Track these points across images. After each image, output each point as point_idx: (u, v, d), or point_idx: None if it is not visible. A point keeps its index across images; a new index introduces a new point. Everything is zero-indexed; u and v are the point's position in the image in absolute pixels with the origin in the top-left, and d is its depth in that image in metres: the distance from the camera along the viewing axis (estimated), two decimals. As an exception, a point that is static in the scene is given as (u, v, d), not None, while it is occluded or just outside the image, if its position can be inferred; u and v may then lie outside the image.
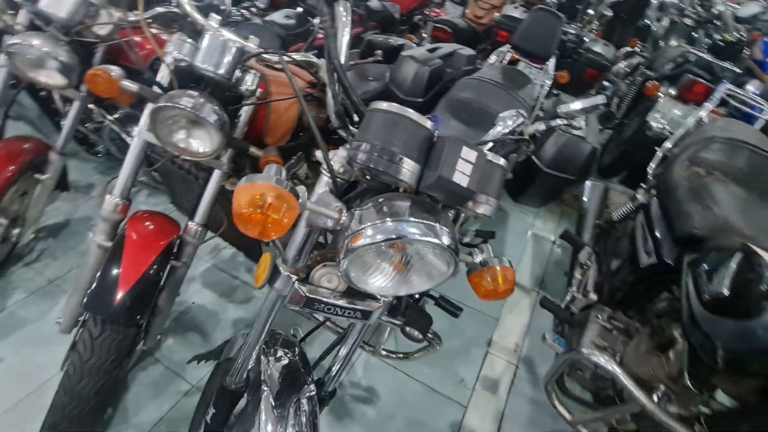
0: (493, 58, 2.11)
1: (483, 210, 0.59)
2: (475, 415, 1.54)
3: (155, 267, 1.08)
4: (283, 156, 1.33)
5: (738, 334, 0.73)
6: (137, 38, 1.56)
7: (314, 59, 1.33)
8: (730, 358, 0.74)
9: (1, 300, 1.68)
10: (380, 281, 0.60)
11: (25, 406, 1.37)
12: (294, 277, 0.69)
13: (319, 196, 0.61)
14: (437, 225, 0.56)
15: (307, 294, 0.69)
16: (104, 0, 1.39)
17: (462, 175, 0.52)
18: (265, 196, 0.50)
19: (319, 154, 0.63)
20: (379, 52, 1.35)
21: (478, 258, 0.71)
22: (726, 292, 0.77)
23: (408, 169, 0.53)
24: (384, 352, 1.29)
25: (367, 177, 0.60)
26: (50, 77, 1.34)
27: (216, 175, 1.22)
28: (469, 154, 0.53)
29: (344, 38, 0.61)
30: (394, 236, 0.54)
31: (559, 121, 0.81)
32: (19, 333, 1.57)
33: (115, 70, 1.11)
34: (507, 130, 0.74)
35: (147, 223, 1.18)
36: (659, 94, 2.37)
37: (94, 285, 1.00)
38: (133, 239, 1.10)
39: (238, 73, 1.10)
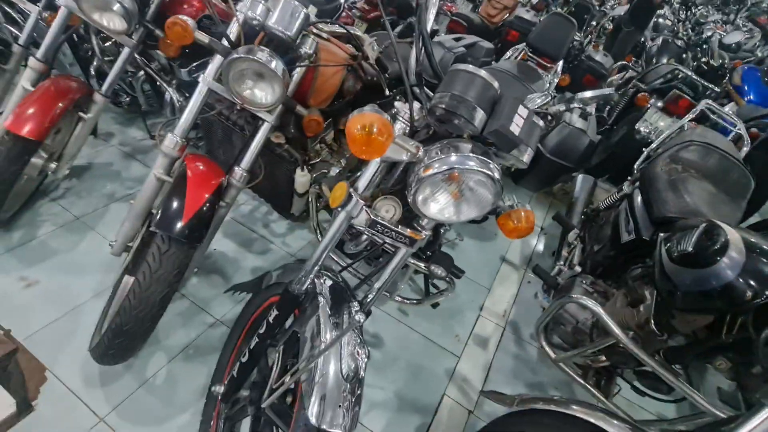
0: (509, 54, 2.30)
1: (524, 158, 0.77)
2: (467, 364, 1.75)
3: (209, 203, 1.22)
4: (323, 118, 1.48)
5: (696, 279, 0.95)
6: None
7: (361, 34, 1.49)
8: (689, 299, 0.96)
9: (31, 230, 1.77)
10: (439, 206, 0.78)
11: (62, 324, 1.49)
12: (362, 202, 0.86)
13: (399, 136, 0.78)
14: (491, 162, 0.74)
15: (372, 217, 0.87)
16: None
17: (516, 127, 0.70)
18: (374, 124, 0.66)
19: (398, 104, 0.79)
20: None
21: (507, 203, 0.89)
22: (690, 249, 0.99)
23: (478, 116, 0.71)
24: (399, 298, 1.48)
25: (439, 123, 0.77)
26: (112, 21, 1.43)
27: (265, 126, 1.36)
28: (523, 111, 0.70)
29: (432, 12, 0.77)
30: (458, 166, 0.71)
31: (575, 105, 1.00)
32: (52, 260, 1.68)
33: (190, 21, 1.23)
34: (535, 107, 0.92)
35: (199, 164, 1.31)
36: (648, 105, 2.62)
37: (161, 210, 1.14)
38: (193, 175, 1.24)
39: (300, 36, 1.24)
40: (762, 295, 0.86)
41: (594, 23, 3.48)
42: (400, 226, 0.90)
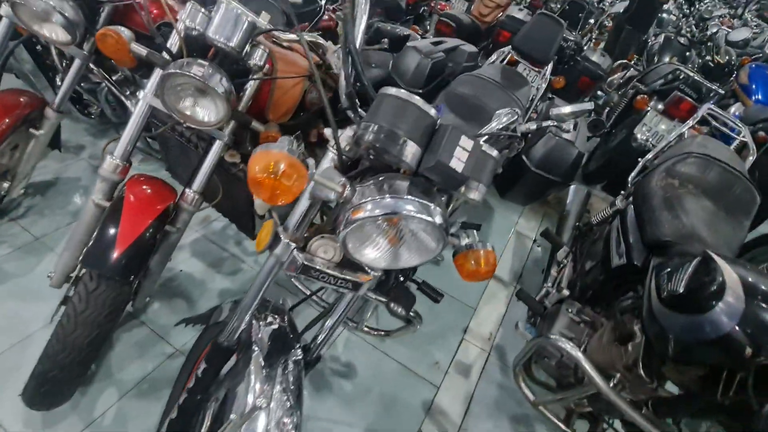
0: (494, 58, 2.16)
1: (474, 195, 0.65)
2: (446, 395, 1.63)
3: (151, 230, 1.11)
4: (282, 133, 1.37)
5: (688, 327, 0.82)
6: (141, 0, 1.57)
7: (322, 41, 1.36)
8: (679, 348, 0.83)
9: (-15, 253, 1.68)
10: (374, 253, 0.66)
11: (8, 356, 1.39)
12: (293, 245, 0.74)
13: (324, 170, 0.66)
14: (431, 205, 0.61)
15: (304, 262, 0.75)
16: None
17: (458, 162, 0.58)
18: (279, 164, 0.54)
19: (327, 131, 0.67)
20: (385, 40, 1.38)
21: (464, 241, 0.77)
22: (681, 290, 0.86)
23: (411, 151, 0.58)
24: (366, 329, 1.36)
25: (371, 156, 0.65)
26: (54, 32, 1.32)
27: (217, 145, 1.25)
28: (466, 143, 0.58)
29: (361, 26, 0.65)
30: (391, 211, 0.59)
31: (549, 123, 0.87)
32: (4, 286, 1.58)
33: (125, 32, 1.12)
34: (501, 126, 0.80)
35: (145, 187, 1.21)
36: (648, 108, 2.47)
37: (92, 242, 1.03)
38: (132, 201, 1.13)
39: (247, 47, 1.13)
40: (765, 352, 0.72)
41: (591, 21, 3.33)
42: (342, 270, 0.78)
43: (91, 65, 1.66)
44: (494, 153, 0.65)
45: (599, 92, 3.58)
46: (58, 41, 1.34)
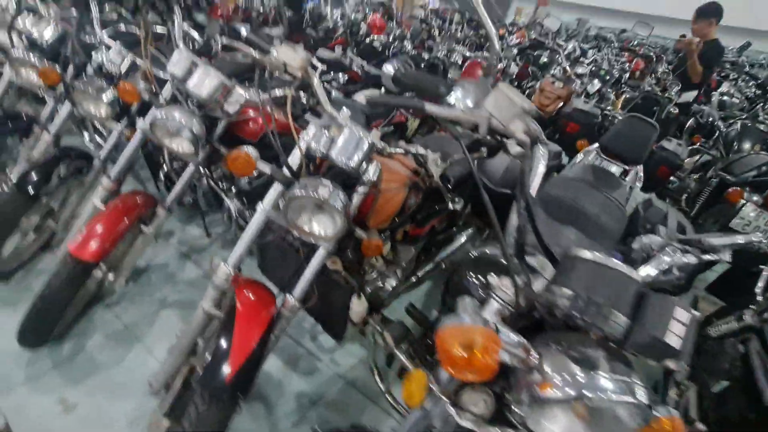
0: (580, 157, 2.16)
1: (674, 366, 0.56)
2: None
3: (262, 342, 1.09)
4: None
5: None
6: (252, 113, 1.74)
7: (423, 151, 1.40)
8: None
9: (81, 341, 1.73)
10: (560, 429, 0.57)
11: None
12: (446, 400, 0.67)
13: (503, 332, 0.60)
14: (631, 380, 0.53)
15: (457, 419, 0.67)
16: (235, 82, 1.55)
17: (674, 336, 0.51)
18: (476, 339, 0.50)
19: (492, 279, 0.63)
20: (483, 149, 1.41)
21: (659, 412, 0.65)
22: None
23: (617, 322, 0.52)
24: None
25: (549, 314, 0.60)
26: (181, 146, 1.47)
27: (321, 252, 1.26)
28: (682, 314, 0.52)
29: (537, 178, 0.64)
30: (589, 394, 0.51)
31: (708, 257, 0.79)
32: (95, 378, 1.60)
33: (252, 152, 1.21)
34: (665, 267, 0.73)
35: (252, 295, 1.21)
36: (743, 201, 2.31)
37: (207, 360, 1.02)
38: (242, 312, 1.13)
39: (363, 164, 1.17)
40: None
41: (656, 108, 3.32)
42: (496, 427, 0.69)
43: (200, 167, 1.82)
44: (697, 314, 0.57)
45: (671, 177, 3.44)
46: (183, 153, 1.48)
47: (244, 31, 1.47)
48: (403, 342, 1.15)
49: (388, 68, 1.04)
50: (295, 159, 1.21)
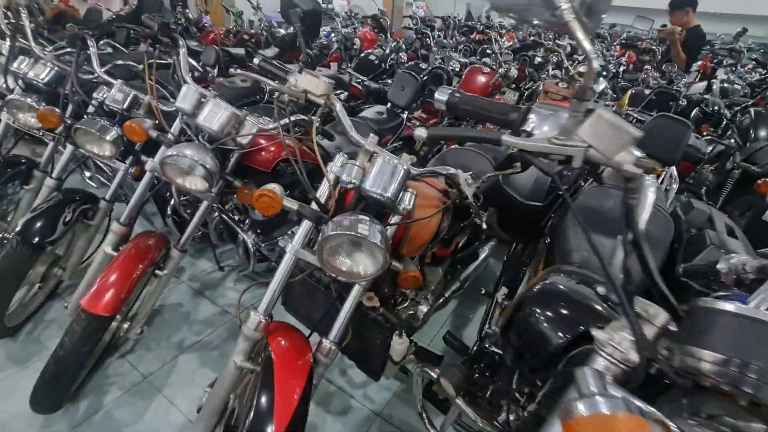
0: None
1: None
2: None
3: (305, 397, 0.99)
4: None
5: None
6: (263, 142, 1.64)
7: (453, 171, 1.30)
8: None
9: (97, 397, 1.62)
10: None
11: None
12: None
13: (610, 387, 0.51)
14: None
15: None
16: (246, 113, 1.46)
17: None
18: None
19: (597, 333, 0.54)
20: (517, 164, 1.32)
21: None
22: None
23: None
24: None
25: (679, 376, 0.50)
26: (194, 183, 1.37)
27: (356, 290, 1.16)
28: None
29: (646, 213, 0.55)
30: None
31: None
32: (116, 440, 1.48)
33: (278, 189, 1.11)
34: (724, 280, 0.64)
35: (287, 341, 1.11)
36: (773, 192, 2.23)
37: (251, 420, 0.92)
38: (280, 364, 1.03)
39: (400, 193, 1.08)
40: None
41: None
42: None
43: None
44: None
45: (687, 169, 3.36)
46: (197, 190, 1.39)
47: (256, 60, 1.38)
48: (462, 390, 1.04)
49: (443, 93, 0.95)
50: (324, 192, 1.11)
